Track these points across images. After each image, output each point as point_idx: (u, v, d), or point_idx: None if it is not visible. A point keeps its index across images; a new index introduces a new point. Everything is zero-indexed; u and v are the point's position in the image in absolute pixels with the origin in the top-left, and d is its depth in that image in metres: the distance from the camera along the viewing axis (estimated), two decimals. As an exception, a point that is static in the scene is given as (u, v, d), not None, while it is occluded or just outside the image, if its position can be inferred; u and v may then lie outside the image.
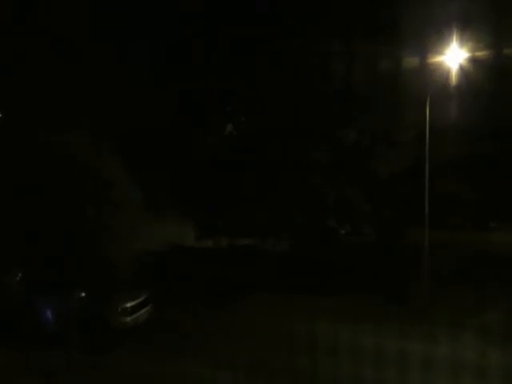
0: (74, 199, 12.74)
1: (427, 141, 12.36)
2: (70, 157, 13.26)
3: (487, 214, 20.26)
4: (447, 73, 13.01)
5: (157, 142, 16.92)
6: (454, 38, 12.29)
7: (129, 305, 10.75)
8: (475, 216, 19.44)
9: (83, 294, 10.79)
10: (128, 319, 10.64)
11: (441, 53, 12.52)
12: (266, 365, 9.47)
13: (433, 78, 12.65)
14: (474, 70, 13.20)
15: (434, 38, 12.94)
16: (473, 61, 12.65)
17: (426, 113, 12.35)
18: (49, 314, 10.77)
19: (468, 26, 12.55)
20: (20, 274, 11.48)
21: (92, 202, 13.00)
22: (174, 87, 16.45)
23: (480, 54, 13.08)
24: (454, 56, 12.27)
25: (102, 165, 13.55)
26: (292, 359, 9.54)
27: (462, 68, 12.74)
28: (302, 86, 15.20)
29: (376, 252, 16.23)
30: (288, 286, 14.30)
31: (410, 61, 14.89)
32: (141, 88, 17.12)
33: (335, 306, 13.10)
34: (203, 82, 15.94)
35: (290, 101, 15.35)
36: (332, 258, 15.65)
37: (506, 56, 14.81)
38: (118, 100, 17.34)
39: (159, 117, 17.05)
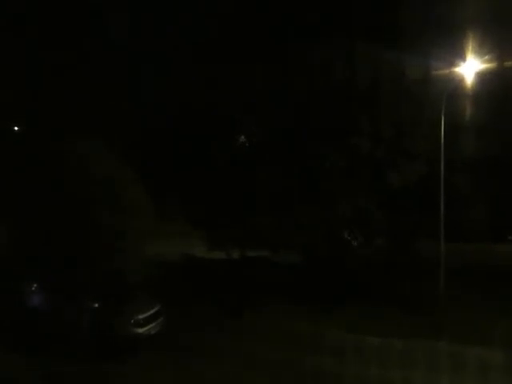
0: (87, 209, 12.77)
1: (442, 151, 12.19)
2: (83, 165, 13.31)
3: (505, 225, 19.96)
4: (461, 82, 12.90)
5: (169, 153, 17.01)
6: (470, 47, 12.21)
7: (141, 316, 10.75)
8: (492, 227, 19.14)
9: (96, 305, 10.78)
10: (140, 331, 10.64)
11: (455, 63, 12.44)
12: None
13: (448, 87, 12.54)
14: (488, 80, 13.10)
15: (449, 48, 12.88)
16: (487, 70, 12.53)
17: (440, 123, 12.20)
18: (62, 324, 10.76)
19: (485, 36, 12.47)
20: (35, 284, 11.51)
21: (105, 211, 13.00)
22: (185, 97, 16.53)
23: (494, 63, 12.95)
24: (468, 65, 12.17)
25: (114, 175, 13.59)
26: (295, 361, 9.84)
27: (476, 77, 12.62)
28: (315, 95, 15.19)
29: (389, 264, 16.02)
30: (298, 298, 14.20)
31: (423, 70, 14.81)
32: (152, 99, 17.31)
33: (347, 317, 13.01)
34: (214, 93, 15.99)
35: (303, 110, 15.33)
36: (344, 270, 15.47)
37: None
38: (130, 110, 17.53)
39: (170, 127, 17.16)
